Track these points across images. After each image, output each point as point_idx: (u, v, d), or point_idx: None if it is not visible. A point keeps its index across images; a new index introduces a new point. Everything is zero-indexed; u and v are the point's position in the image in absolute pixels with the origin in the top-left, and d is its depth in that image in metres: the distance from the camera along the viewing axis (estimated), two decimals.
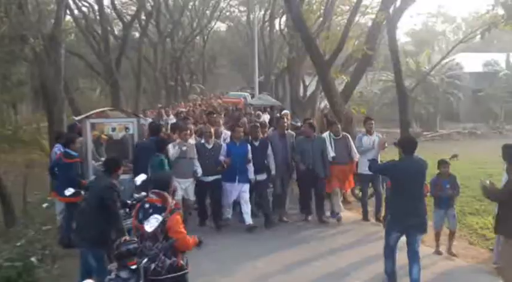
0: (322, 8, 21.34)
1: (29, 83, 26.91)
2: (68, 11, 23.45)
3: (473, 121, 34.08)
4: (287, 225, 11.03)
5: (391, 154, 10.39)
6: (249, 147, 10.51)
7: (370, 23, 18.80)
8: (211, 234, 9.89)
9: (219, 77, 60.25)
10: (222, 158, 10.34)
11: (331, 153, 10.91)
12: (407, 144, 7.46)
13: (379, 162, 8.80)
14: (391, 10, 14.34)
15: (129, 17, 31.41)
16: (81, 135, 10.82)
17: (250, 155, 10.46)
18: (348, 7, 22.22)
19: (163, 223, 5.46)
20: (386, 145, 8.45)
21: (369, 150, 10.69)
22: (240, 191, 10.45)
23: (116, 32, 34.57)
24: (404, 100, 13.75)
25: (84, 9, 29.67)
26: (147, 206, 5.65)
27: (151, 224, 5.46)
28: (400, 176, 7.26)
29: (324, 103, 27.49)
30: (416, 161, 7.35)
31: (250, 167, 10.48)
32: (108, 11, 31.13)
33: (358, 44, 17.92)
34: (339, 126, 11.37)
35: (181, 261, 5.58)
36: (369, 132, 11.24)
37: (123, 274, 5.09)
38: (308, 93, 29.45)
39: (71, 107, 22.49)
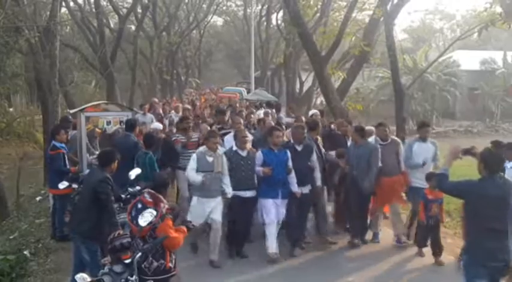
0: (320, 3, 21.29)
1: (24, 75, 26.77)
2: (63, 3, 23.30)
3: (470, 119, 34.14)
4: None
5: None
6: (289, 154, 8.55)
7: (367, 19, 18.79)
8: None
9: (215, 71, 60.15)
10: (259, 168, 8.35)
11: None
12: (492, 160, 5.64)
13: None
14: (388, 6, 14.32)
15: (125, 10, 31.17)
16: (76, 128, 10.78)
17: (291, 163, 8.50)
18: (345, 3, 22.18)
19: (153, 229, 5.44)
20: (460, 156, 6.02)
21: (424, 160, 8.97)
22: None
23: (112, 25, 34.42)
24: (400, 97, 13.75)
25: (79, 1, 29.53)
26: (139, 206, 5.62)
27: (146, 218, 5.42)
28: (479, 202, 5.50)
29: (320, 99, 27.53)
30: (501, 182, 5.57)
31: (292, 178, 8.49)
32: (104, 3, 30.95)
33: (355, 40, 17.92)
34: (387, 129, 9.40)
35: (170, 264, 5.56)
36: (423, 138, 9.16)
37: (117, 268, 5.05)
38: (304, 89, 29.45)
39: (65, 99, 22.39)
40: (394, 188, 9.20)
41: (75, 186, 7.66)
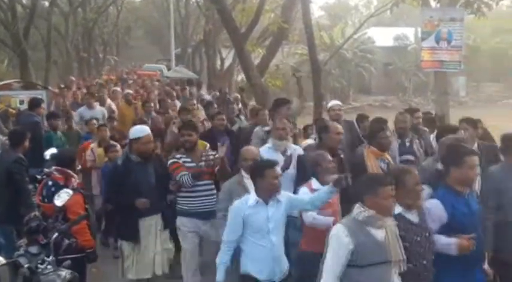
0: None
1: None
2: None
3: (384, 94, 35.44)
4: None
5: None
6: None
7: None
8: None
9: (135, 49, 58.89)
10: (447, 240, 4.22)
11: None
12: None
13: None
14: None
15: None
16: None
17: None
18: None
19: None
20: None
21: None
22: None
23: (24, 1, 32.99)
24: (317, 74, 14.06)
25: None
26: (50, 183, 5.61)
27: (62, 198, 5.37)
28: None
29: (240, 76, 27.65)
30: None
31: None
32: None
33: (274, 17, 18.12)
34: None
35: (85, 243, 5.49)
36: None
37: (33, 249, 4.98)
38: (225, 66, 29.49)
39: None
40: None
41: None
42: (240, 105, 11.83)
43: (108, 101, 12.65)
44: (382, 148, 6.00)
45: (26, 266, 4.78)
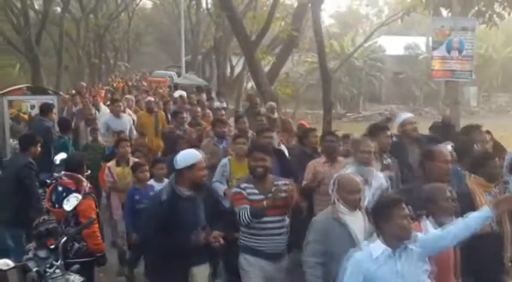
0: None
1: None
2: None
3: (395, 103, 35.25)
4: None
5: None
6: None
7: (296, 4, 19.05)
8: None
9: (145, 55, 59.21)
10: None
11: None
12: None
13: None
14: None
15: None
16: None
17: None
18: None
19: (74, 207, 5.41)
20: None
21: None
22: None
23: (37, 7, 33.29)
24: (327, 82, 14.05)
25: None
26: (60, 188, 5.61)
27: (71, 203, 5.38)
28: None
29: (250, 83, 27.69)
30: None
31: None
32: None
33: (284, 25, 18.16)
34: None
35: (95, 246, 5.48)
36: None
37: (42, 253, 4.99)
38: (235, 73, 29.56)
39: None
40: None
41: None
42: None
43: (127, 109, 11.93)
44: (492, 179, 4.98)
45: (35, 269, 4.79)
